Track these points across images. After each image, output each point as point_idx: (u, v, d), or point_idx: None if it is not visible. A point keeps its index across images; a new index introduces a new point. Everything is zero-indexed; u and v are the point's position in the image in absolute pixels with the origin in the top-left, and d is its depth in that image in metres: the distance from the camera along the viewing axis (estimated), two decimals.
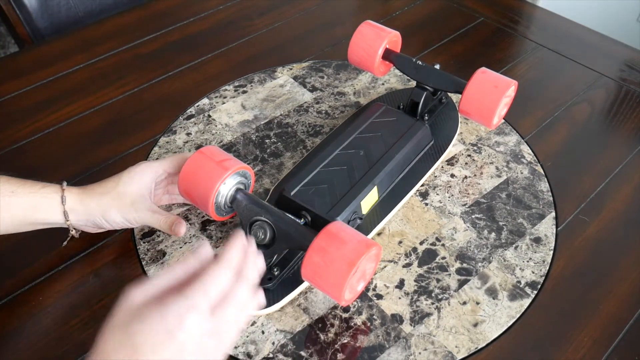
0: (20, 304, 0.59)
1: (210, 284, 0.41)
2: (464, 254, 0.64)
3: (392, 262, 0.63)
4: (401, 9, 1.04)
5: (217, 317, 0.40)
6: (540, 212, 0.69)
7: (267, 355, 0.55)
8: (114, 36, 0.96)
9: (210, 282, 0.41)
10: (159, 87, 0.87)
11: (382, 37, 0.73)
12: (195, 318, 0.39)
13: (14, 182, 0.58)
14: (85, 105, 0.83)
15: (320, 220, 0.57)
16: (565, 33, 0.99)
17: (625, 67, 0.91)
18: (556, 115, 0.82)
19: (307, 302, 0.59)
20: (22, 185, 0.58)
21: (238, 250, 0.45)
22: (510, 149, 0.76)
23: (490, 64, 0.90)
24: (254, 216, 0.57)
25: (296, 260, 0.60)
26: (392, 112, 0.73)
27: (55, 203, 0.58)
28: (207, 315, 0.40)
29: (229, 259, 0.44)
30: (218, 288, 0.42)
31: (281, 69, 0.89)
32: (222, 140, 0.77)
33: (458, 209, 0.69)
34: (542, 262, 0.63)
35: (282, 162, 0.74)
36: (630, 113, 0.83)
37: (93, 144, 0.77)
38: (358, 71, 0.89)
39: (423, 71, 0.72)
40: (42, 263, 0.63)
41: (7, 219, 0.57)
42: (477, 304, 0.60)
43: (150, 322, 0.38)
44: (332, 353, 0.55)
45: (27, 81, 0.87)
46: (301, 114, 0.82)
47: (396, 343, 0.56)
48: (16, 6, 1.06)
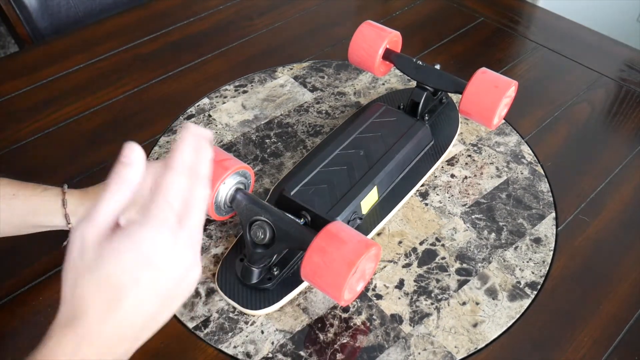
0: (20, 304, 0.59)
1: (172, 196, 0.38)
2: (463, 254, 0.64)
3: (391, 262, 0.63)
4: (401, 9, 1.04)
5: (185, 226, 0.38)
6: (541, 212, 0.69)
7: (267, 355, 0.55)
8: (114, 36, 0.96)
9: (170, 190, 0.38)
10: (159, 87, 0.87)
11: (383, 37, 0.73)
12: (168, 235, 0.37)
13: (15, 185, 0.58)
14: (85, 105, 0.83)
15: (320, 220, 0.57)
16: (565, 33, 0.99)
17: (625, 67, 0.91)
18: (556, 115, 0.82)
19: (307, 302, 0.59)
20: (23, 188, 0.58)
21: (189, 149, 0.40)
22: (510, 149, 0.76)
23: (490, 64, 0.90)
24: (253, 216, 0.57)
25: (296, 260, 0.60)
26: (393, 112, 0.73)
27: (56, 206, 0.58)
28: (177, 228, 0.37)
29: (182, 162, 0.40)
30: (179, 197, 0.38)
31: (281, 68, 0.89)
32: (222, 140, 0.77)
33: (458, 209, 0.69)
34: (542, 263, 0.63)
35: (282, 162, 0.74)
36: (630, 113, 0.83)
37: (93, 144, 0.77)
38: (358, 71, 0.89)
39: (423, 71, 0.72)
40: (42, 263, 0.63)
41: (7, 222, 0.57)
42: (477, 304, 0.60)
43: (122, 255, 0.35)
44: (332, 353, 0.55)
45: (27, 81, 0.87)
46: (301, 113, 0.82)
47: (395, 343, 0.56)
48: (16, 6, 1.06)
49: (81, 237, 0.36)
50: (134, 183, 0.40)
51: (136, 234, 0.36)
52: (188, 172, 0.40)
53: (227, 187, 0.58)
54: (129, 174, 0.40)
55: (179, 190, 0.39)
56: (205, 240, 0.65)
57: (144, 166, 0.40)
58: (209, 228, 0.66)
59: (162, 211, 0.37)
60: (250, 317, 0.58)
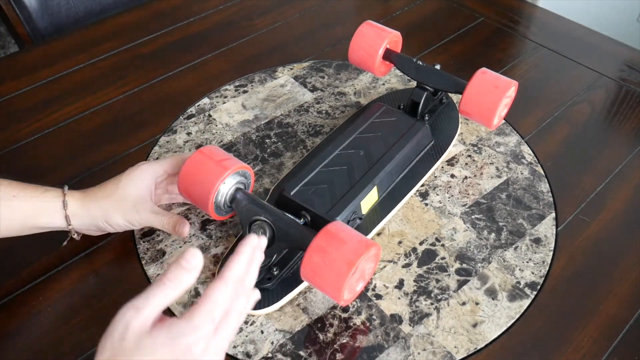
0: (20, 304, 0.59)
1: (215, 305, 0.42)
2: (463, 254, 0.64)
3: (391, 262, 0.63)
4: (401, 9, 1.04)
5: (220, 334, 0.42)
6: (540, 212, 0.69)
7: (266, 354, 0.55)
8: (114, 36, 0.96)
9: (215, 303, 0.42)
10: (159, 87, 0.87)
11: (383, 37, 0.73)
12: (203, 343, 0.40)
13: (15, 186, 0.58)
14: (85, 105, 0.83)
15: (319, 220, 0.57)
16: (565, 33, 0.99)
17: (625, 67, 0.91)
18: (556, 115, 0.82)
19: (307, 302, 0.59)
20: (23, 189, 0.58)
21: (243, 263, 0.46)
22: (510, 149, 0.76)
23: (490, 64, 0.90)
24: (253, 216, 0.57)
25: (296, 260, 0.60)
26: (393, 112, 0.73)
27: (56, 208, 0.58)
28: (212, 336, 0.41)
29: (232, 275, 0.44)
30: (222, 308, 0.43)
31: (282, 68, 0.89)
32: (222, 139, 0.77)
33: (458, 210, 0.69)
34: (542, 263, 0.63)
35: (282, 162, 0.74)
36: (630, 113, 0.83)
37: (93, 144, 0.77)
38: (359, 71, 0.89)
39: (423, 71, 0.72)
40: (42, 263, 0.63)
41: (8, 224, 0.57)
42: (477, 304, 0.60)
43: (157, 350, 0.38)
44: (331, 353, 0.55)
45: (27, 81, 0.87)
46: (301, 113, 0.82)
47: (395, 343, 0.56)
48: (16, 6, 1.06)
49: (125, 323, 0.39)
50: (188, 286, 0.42)
51: (174, 334, 0.39)
52: (235, 285, 0.44)
53: (227, 187, 0.58)
54: (186, 277, 0.42)
55: (223, 300, 0.43)
56: (205, 240, 0.65)
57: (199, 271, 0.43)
58: (209, 228, 0.66)
59: (204, 320, 0.41)
60: (249, 317, 0.58)
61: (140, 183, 0.60)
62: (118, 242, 0.65)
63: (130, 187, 0.60)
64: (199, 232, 0.66)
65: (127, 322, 0.39)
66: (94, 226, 0.60)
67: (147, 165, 0.62)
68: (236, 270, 0.45)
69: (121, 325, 0.39)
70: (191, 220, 0.67)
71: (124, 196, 0.60)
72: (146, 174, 0.61)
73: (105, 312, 0.59)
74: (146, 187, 0.61)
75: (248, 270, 0.46)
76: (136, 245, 0.64)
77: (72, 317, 0.58)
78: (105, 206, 0.59)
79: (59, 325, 0.58)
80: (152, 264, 0.63)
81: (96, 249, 0.64)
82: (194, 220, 0.67)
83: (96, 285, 0.61)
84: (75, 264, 0.63)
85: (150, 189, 0.62)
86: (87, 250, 0.64)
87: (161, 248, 0.64)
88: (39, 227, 0.59)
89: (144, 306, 0.39)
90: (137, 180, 0.60)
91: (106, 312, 0.58)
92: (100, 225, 0.60)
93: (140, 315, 0.39)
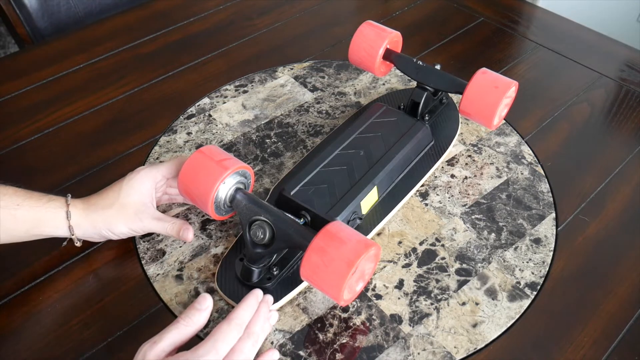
0: (20, 304, 0.59)
1: (220, 342, 0.48)
2: (463, 254, 0.64)
3: (391, 262, 0.63)
4: (401, 9, 1.04)
5: None
6: (541, 212, 0.69)
7: None
8: (114, 36, 0.96)
9: (221, 340, 0.49)
10: (159, 87, 0.87)
11: (383, 37, 0.73)
12: None
13: (20, 194, 0.58)
14: (85, 105, 0.83)
15: (319, 220, 0.57)
16: (565, 33, 0.99)
17: (625, 67, 0.91)
18: (556, 115, 0.82)
19: (306, 302, 0.59)
20: (27, 198, 0.58)
21: (248, 310, 0.52)
22: (510, 149, 0.76)
23: (490, 64, 0.90)
24: (253, 216, 0.57)
25: (295, 260, 0.60)
26: (393, 112, 0.73)
27: (60, 218, 0.59)
28: None
29: (238, 318, 0.51)
30: (227, 346, 0.49)
31: (282, 68, 0.89)
32: (222, 139, 0.77)
33: (458, 210, 0.69)
34: (542, 263, 0.63)
35: (282, 162, 0.74)
36: (630, 113, 0.83)
37: (93, 144, 0.77)
38: (359, 71, 0.89)
39: (423, 71, 0.72)
40: (42, 263, 0.63)
41: (11, 232, 0.57)
42: (477, 304, 0.60)
43: None
44: (331, 353, 0.55)
45: (27, 81, 0.87)
46: (302, 113, 0.82)
47: (395, 343, 0.56)
48: (16, 6, 1.06)
49: (143, 354, 0.47)
50: (201, 324, 0.52)
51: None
52: (239, 326, 0.51)
53: (227, 187, 0.58)
54: (199, 318, 0.52)
55: (227, 337, 0.49)
56: (205, 240, 0.65)
57: (210, 312, 0.53)
58: (209, 228, 0.66)
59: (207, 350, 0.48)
60: None
61: (140, 190, 0.61)
62: (118, 242, 0.65)
63: (131, 195, 0.60)
64: (199, 232, 0.66)
65: (144, 353, 0.47)
66: (97, 234, 0.61)
67: (146, 170, 0.62)
68: (241, 313, 0.51)
69: (139, 356, 0.47)
70: (191, 220, 0.67)
71: (125, 205, 0.60)
72: (146, 180, 0.61)
73: (105, 312, 0.59)
74: (147, 194, 0.61)
75: (255, 319, 0.52)
76: (136, 245, 0.64)
77: (72, 317, 0.58)
78: (108, 216, 0.59)
79: (59, 325, 0.58)
80: (152, 263, 0.63)
81: (96, 249, 0.64)
82: (194, 220, 0.67)
83: (96, 286, 0.61)
84: (75, 264, 0.63)
85: (150, 195, 0.62)
86: (87, 250, 0.64)
87: (161, 248, 0.64)
88: (42, 235, 0.59)
89: (159, 340, 0.48)
90: (138, 187, 0.60)
91: (106, 312, 0.59)
92: (104, 234, 0.60)
93: (155, 347, 0.47)
